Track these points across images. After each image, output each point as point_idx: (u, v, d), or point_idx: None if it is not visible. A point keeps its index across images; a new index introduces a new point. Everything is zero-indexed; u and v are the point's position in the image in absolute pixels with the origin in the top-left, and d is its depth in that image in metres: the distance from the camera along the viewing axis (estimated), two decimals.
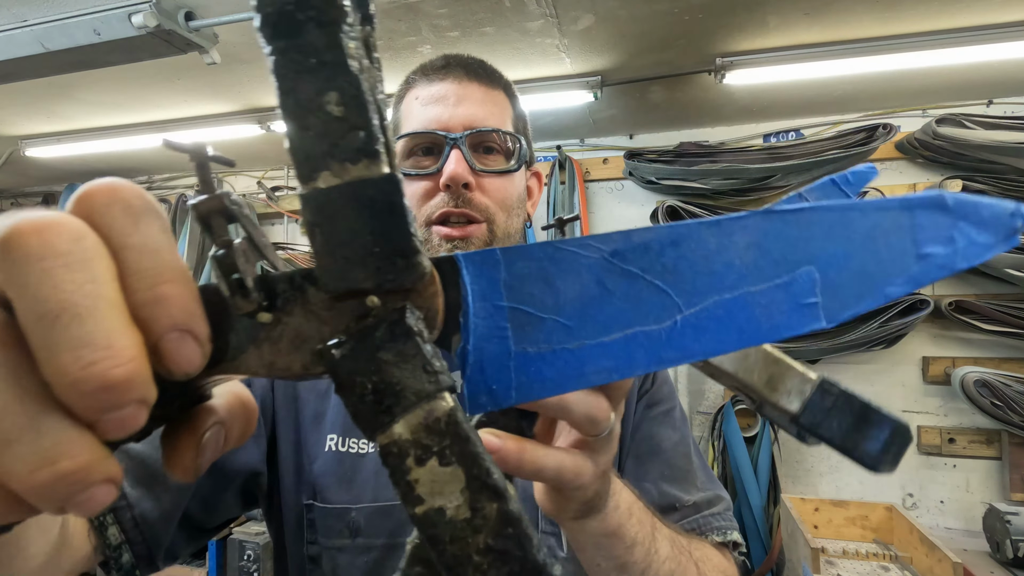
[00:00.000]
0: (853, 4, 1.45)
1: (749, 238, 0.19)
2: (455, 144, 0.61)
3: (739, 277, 0.19)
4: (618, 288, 0.19)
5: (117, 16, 1.32)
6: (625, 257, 0.20)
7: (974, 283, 2.06)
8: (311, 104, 0.18)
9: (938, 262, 0.18)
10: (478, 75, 0.66)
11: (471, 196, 0.61)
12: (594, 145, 2.53)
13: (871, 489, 2.15)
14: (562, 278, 0.20)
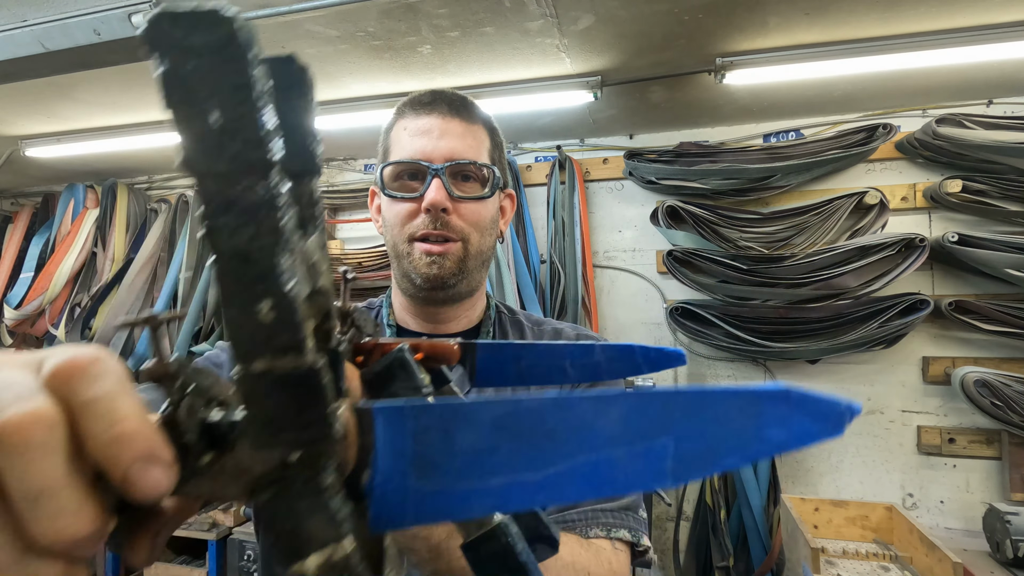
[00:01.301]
0: (853, 4, 1.45)
1: (621, 411, 0.23)
2: (436, 173, 0.72)
3: (607, 441, 0.23)
4: (504, 444, 0.23)
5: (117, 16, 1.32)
6: (517, 419, 0.23)
7: (974, 283, 2.06)
8: (247, 308, 0.21)
9: (774, 443, 0.22)
10: (459, 112, 0.76)
11: (449, 219, 0.72)
12: (594, 145, 2.53)
13: (871, 489, 2.15)
14: (460, 432, 0.23)
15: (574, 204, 2.43)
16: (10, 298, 2.76)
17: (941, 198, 2.03)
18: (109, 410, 0.21)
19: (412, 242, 0.73)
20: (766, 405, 0.22)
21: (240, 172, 0.20)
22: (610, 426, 0.23)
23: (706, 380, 2.36)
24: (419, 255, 0.72)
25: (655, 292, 2.43)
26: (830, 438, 0.22)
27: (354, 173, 2.83)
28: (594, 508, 0.68)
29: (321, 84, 1.95)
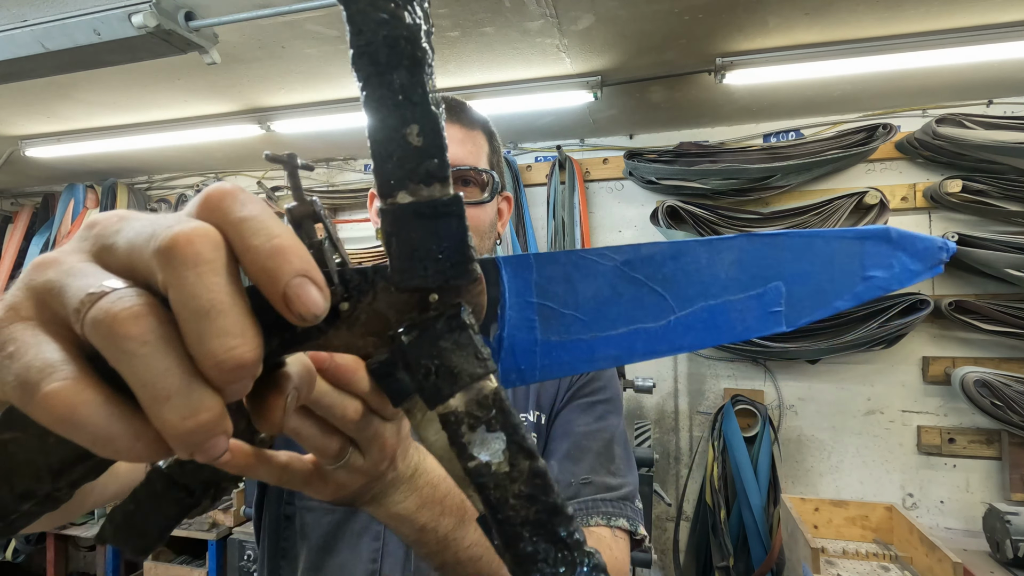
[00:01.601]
0: (853, 4, 1.45)
1: (734, 256, 0.23)
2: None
3: (723, 287, 0.23)
4: (626, 291, 0.24)
5: (117, 16, 1.32)
6: (634, 266, 0.24)
7: (974, 283, 2.06)
8: (396, 134, 0.21)
9: (878, 283, 0.22)
10: (459, 117, 0.78)
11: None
12: (594, 145, 2.53)
13: (871, 489, 2.15)
14: (582, 281, 0.24)
15: (574, 204, 2.43)
16: None
17: (941, 198, 2.03)
18: (265, 226, 0.21)
19: None
20: (869, 245, 0.23)
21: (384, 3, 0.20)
22: (725, 270, 0.23)
23: (706, 380, 2.37)
24: None
25: None
26: (930, 276, 0.22)
27: (354, 173, 2.83)
28: (594, 499, 0.70)
29: (321, 84, 1.95)
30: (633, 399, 2.42)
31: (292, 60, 1.74)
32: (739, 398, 2.24)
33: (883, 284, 0.22)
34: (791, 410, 2.26)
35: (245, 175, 3.00)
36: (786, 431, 2.25)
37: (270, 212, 0.22)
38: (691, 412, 2.38)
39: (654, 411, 2.42)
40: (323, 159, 2.84)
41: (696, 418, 2.37)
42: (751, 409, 2.21)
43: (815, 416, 2.23)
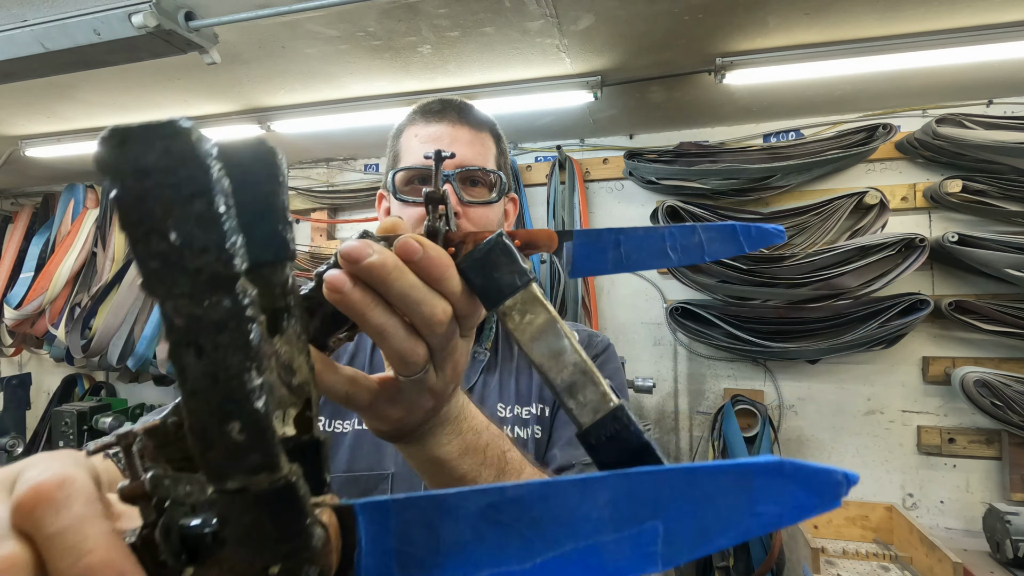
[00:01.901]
0: (853, 4, 1.45)
1: (607, 496, 0.22)
2: (447, 179, 0.74)
3: (595, 528, 0.22)
4: (489, 534, 0.23)
5: (117, 16, 1.32)
6: (499, 509, 0.23)
7: (974, 283, 2.06)
8: (217, 429, 0.20)
9: (767, 520, 0.21)
10: (468, 119, 0.80)
11: (458, 223, 0.74)
12: (594, 145, 2.53)
13: (871, 489, 2.15)
14: (443, 525, 0.23)
15: (574, 204, 2.43)
16: (10, 298, 2.76)
17: (941, 198, 2.03)
18: (75, 543, 0.20)
19: None
20: (758, 479, 0.21)
21: (203, 290, 0.19)
22: (597, 511, 0.22)
23: (706, 380, 2.37)
24: None
25: (655, 292, 2.43)
26: (827, 511, 0.21)
27: (354, 173, 2.83)
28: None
29: (321, 84, 1.95)
30: (633, 399, 2.42)
31: (292, 60, 1.74)
32: (739, 398, 2.24)
33: (774, 520, 0.21)
34: (791, 410, 2.26)
35: None
36: (786, 431, 2.25)
37: (87, 513, 0.21)
38: (691, 412, 2.38)
39: (654, 411, 2.42)
40: (323, 159, 2.84)
41: (696, 418, 2.37)
42: (751, 409, 2.21)
43: (815, 416, 2.23)
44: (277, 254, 0.27)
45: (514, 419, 0.79)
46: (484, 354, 0.85)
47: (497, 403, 0.81)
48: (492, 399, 0.81)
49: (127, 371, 2.85)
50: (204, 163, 0.19)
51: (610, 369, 0.85)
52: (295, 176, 2.87)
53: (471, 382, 0.82)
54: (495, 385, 0.83)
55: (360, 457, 0.75)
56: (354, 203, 2.75)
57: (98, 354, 2.67)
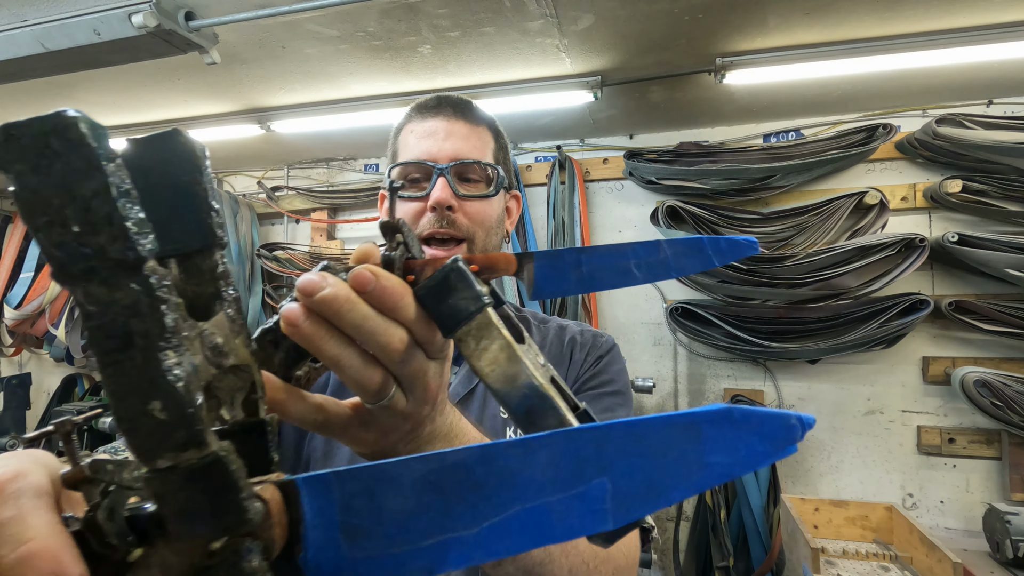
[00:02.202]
0: (853, 4, 1.45)
1: (550, 456, 0.22)
2: (441, 173, 0.74)
3: (539, 489, 0.22)
4: (433, 502, 0.23)
5: (117, 16, 1.32)
6: (440, 475, 0.23)
7: (974, 283, 2.06)
8: (139, 408, 0.20)
9: (719, 470, 0.20)
10: (464, 114, 0.79)
11: (454, 217, 0.74)
12: (594, 145, 2.53)
13: (871, 489, 2.15)
14: (385, 495, 0.23)
15: (574, 204, 2.43)
16: (10, 298, 2.76)
17: (941, 198, 2.03)
18: (16, 532, 0.21)
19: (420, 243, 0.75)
20: (707, 428, 0.20)
21: (110, 275, 0.19)
22: (540, 472, 0.22)
23: (706, 380, 2.37)
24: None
25: (655, 292, 2.43)
26: (782, 456, 0.20)
27: (354, 173, 2.83)
28: None
29: (321, 84, 1.95)
30: (633, 399, 2.42)
31: (292, 60, 1.74)
32: (739, 398, 2.24)
33: (726, 470, 0.20)
34: (791, 410, 2.26)
35: (245, 175, 3.00)
36: None
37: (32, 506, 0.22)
38: None
39: (654, 411, 2.42)
40: (323, 159, 2.84)
41: None
42: None
43: (815, 416, 2.23)
44: (204, 241, 0.27)
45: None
46: None
47: (500, 406, 0.80)
48: (495, 402, 0.79)
49: None
50: (94, 151, 0.19)
51: (614, 370, 0.83)
52: (295, 176, 2.88)
53: (472, 384, 0.81)
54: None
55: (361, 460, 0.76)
56: (354, 203, 2.75)
57: None
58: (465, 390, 0.79)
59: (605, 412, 0.75)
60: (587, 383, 0.79)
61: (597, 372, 0.80)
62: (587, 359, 0.82)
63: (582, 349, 0.83)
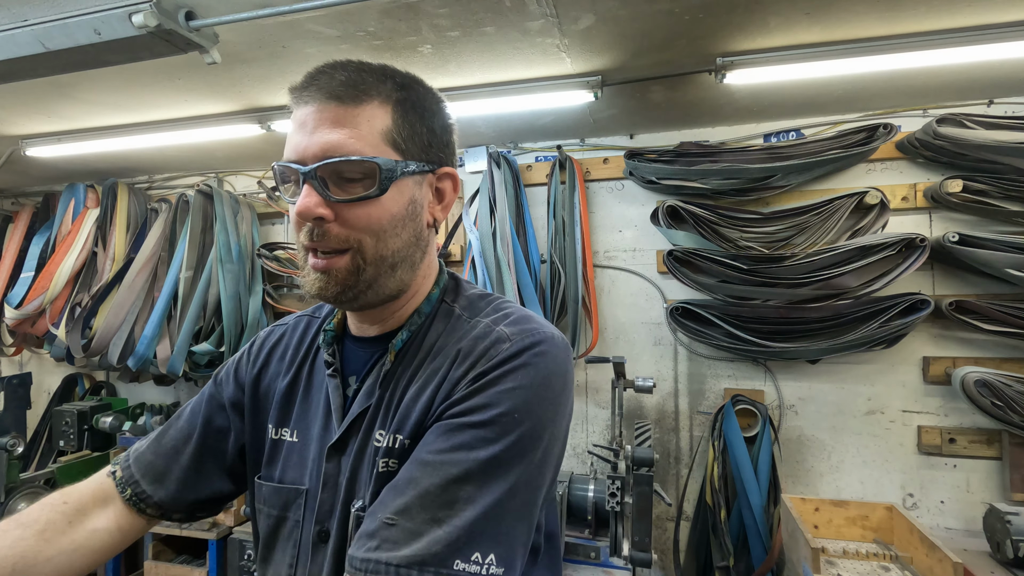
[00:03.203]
0: (854, 4, 1.45)
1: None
2: (306, 178, 0.61)
3: None
4: None
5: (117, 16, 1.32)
6: None
7: (975, 283, 2.06)
8: None
9: None
10: (339, 95, 0.62)
11: (327, 228, 0.62)
12: (594, 145, 2.53)
13: (871, 489, 2.15)
14: None
15: (574, 204, 2.43)
16: (11, 298, 2.76)
17: (942, 198, 2.03)
18: None
19: (306, 252, 0.65)
20: None
21: None
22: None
23: (706, 380, 2.37)
24: (308, 270, 0.65)
25: (655, 292, 2.43)
26: None
27: None
28: (375, 557, 0.54)
29: None
30: (633, 399, 2.42)
31: (292, 60, 1.74)
32: (739, 398, 2.24)
33: None
34: (791, 410, 2.26)
35: (245, 175, 3.00)
36: (786, 431, 2.25)
37: None
38: (691, 412, 2.38)
39: (654, 411, 2.42)
40: None
41: (696, 418, 2.37)
42: (751, 409, 2.21)
43: (815, 416, 2.23)
44: None
45: (386, 450, 0.65)
46: (388, 364, 0.70)
47: (377, 430, 0.67)
48: (376, 422, 0.68)
49: (127, 370, 2.85)
50: None
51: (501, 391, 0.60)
52: None
53: (369, 400, 0.69)
54: (386, 403, 0.68)
55: (289, 469, 0.73)
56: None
57: (98, 354, 2.68)
58: (361, 408, 0.69)
59: (455, 450, 0.57)
60: (455, 404, 0.61)
61: (477, 388, 0.61)
62: (466, 376, 0.62)
63: (462, 363, 0.64)
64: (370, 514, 0.58)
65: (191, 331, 2.61)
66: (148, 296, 2.75)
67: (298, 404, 0.76)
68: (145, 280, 2.73)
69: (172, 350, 2.61)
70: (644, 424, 2.04)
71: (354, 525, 0.64)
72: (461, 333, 0.68)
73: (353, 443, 0.68)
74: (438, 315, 0.73)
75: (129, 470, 0.78)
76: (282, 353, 0.82)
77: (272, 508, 0.73)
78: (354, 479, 0.67)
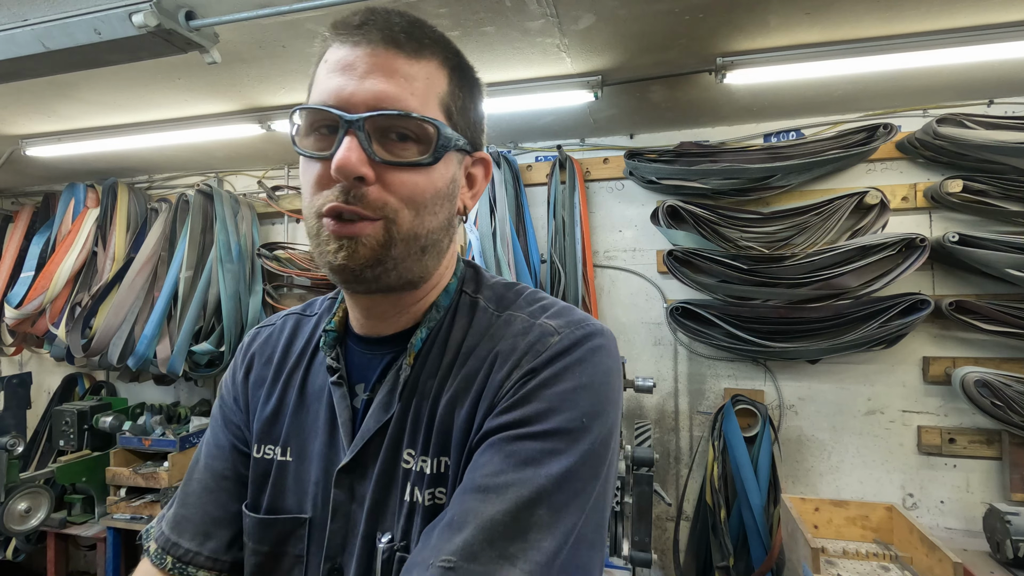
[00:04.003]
0: (854, 4, 1.45)
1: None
2: (351, 127, 0.51)
3: None
4: None
5: (117, 15, 1.32)
6: None
7: (975, 283, 2.06)
8: None
9: None
10: (400, 42, 0.53)
11: (366, 191, 0.52)
12: (594, 145, 2.53)
13: (871, 489, 2.15)
14: None
15: (574, 204, 2.43)
16: (11, 297, 2.76)
17: (942, 198, 2.03)
18: None
19: (320, 218, 0.54)
20: None
21: None
22: None
23: (706, 380, 2.37)
24: (327, 237, 0.53)
25: (655, 292, 2.43)
26: None
27: None
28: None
29: None
30: (633, 399, 2.42)
31: (292, 60, 1.74)
32: (739, 398, 2.24)
33: None
34: (791, 410, 2.26)
35: (245, 174, 3.00)
36: (786, 431, 2.25)
37: None
38: (691, 412, 2.38)
39: (654, 411, 2.42)
40: None
41: (696, 418, 2.37)
42: (751, 409, 2.21)
43: (815, 416, 2.23)
44: None
45: (417, 476, 0.56)
46: (407, 369, 0.60)
47: (405, 449, 0.57)
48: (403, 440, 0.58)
49: (127, 370, 2.85)
50: None
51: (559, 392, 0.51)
52: (295, 175, 2.87)
53: (388, 414, 0.59)
54: (412, 417, 0.58)
55: (282, 494, 0.62)
56: None
57: (98, 353, 2.68)
58: (377, 424, 0.59)
59: (519, 468, 0.47)
60: (507, 412, 0.52)
61: (526, 395, 0.52)
62: (510, 376, 0.54)
63: (502, 365, 0.55)
64: (417, 563, 0.46)
65: (191, 331, 2.61)
66: (148, 296, 2.75)
67: (290, 416, 0.65)
68: (145, 280, 2.73)
69: (172, 350, 2.61)
70: (644, 424, 2.04)
71: (385, 563, 0.54)
72: (493, 330, 0.59)
73: (372, 466, 0.57)
74: (459, 308, 0.63)
75: (163, 536, 0.65)
76: (268, 356, 0.70)
77: (261, 544, 0.61)
78: (377, 509, 0.56)
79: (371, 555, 0.55)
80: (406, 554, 0.54)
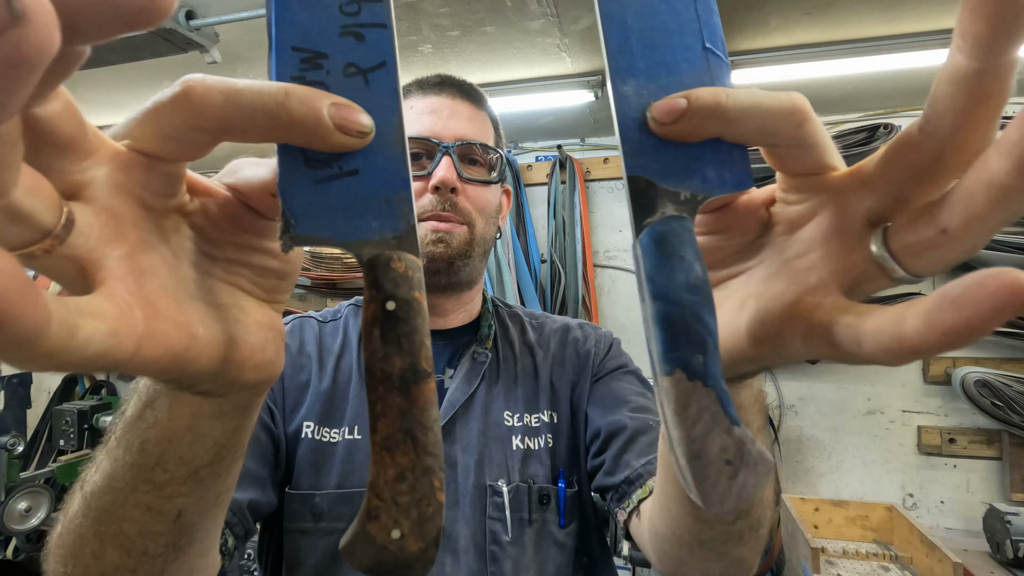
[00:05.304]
0: (855, 4, 1.45)
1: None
2: (447, 151, 0.69)
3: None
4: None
5: None
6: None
7: None
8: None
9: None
10: (468, 96, 0.75)
11: (456, 200, 0.70)
12: (595, 144, 2.53)
13: (871, 489, 2.15)
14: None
15: (575, 204, 2.43)
16: None
17: None
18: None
19: (425, 221, 0.71)
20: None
21: None
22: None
23: None
24: (425, 232, 0.69)
25: None
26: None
27: None
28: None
29: None
30: None
31: None
32: None
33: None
34: (791, 410, 2.26)
35: None
36: (786, 431, 2.25)
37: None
38: None
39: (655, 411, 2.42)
40: None
41: None
42: None
43: (815, 416, 2.23)
44: None
45: (523, 428, 0.73)
46: (485, 355, 0.76)
47: (504, 411, 0.74)
48: (498, 407, 0.74)
49: None
50: None
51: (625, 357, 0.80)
52: None
53: (472, 388, 0.74)
54: (500, 391, 0.75)
55: (352, 471, 0.67)
56: None
57: None
58: (464, 396, 0.73)
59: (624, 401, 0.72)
60: (604, 364, 0.77)
61: (609, 358, 0.78)
62: (593, 353, 0.79)
63: (584, 344, 0.80)
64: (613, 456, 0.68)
65: None
66: None
67: (352, 399, 0.71)
68: None
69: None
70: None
71: (513, 495, 0.68)
72: (546, 330, 0.82)
73: (463, 427, 0.71)
74: (504, 315, 0.83)
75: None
76: (299, 348, 0.74)
77: (336, 521, 0.64)
78: (482, 461, 0.70)
79: (480, 497, 0.68)
80: (547, 485, 0.71)
